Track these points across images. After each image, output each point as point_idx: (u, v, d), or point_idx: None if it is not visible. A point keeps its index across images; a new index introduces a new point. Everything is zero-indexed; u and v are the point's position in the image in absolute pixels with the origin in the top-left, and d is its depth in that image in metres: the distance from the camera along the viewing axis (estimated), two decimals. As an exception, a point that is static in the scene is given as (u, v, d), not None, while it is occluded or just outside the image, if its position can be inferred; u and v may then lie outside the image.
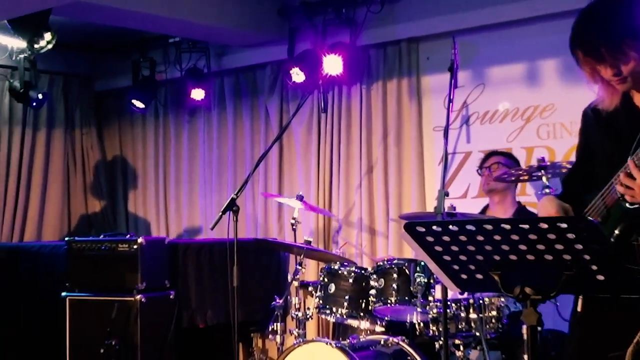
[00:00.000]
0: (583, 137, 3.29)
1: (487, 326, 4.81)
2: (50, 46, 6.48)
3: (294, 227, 6.12)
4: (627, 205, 2.90)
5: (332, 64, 6.47)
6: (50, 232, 8.25)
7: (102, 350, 5.76)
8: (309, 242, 5.81)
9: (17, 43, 7.08)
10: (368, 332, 5.39)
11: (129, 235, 6.25)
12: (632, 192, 2.86)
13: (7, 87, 7.74)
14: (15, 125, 8.07)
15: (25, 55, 7.16)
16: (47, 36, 6.41)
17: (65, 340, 6.14)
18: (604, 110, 3.11)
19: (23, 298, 6.72)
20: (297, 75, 6.67)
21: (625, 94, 3.06)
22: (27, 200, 8.12)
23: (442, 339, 4.62)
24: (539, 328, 2.60)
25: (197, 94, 7.52)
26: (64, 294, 6.18)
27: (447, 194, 4.39)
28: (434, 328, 4.91)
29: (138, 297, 5.91)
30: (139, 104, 7.84)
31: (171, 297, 6.20)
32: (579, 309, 3.08)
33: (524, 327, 4.08)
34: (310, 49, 6.72)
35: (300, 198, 6.06)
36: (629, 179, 2.86)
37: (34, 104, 7.49)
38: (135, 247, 6.01)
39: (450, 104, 4.77)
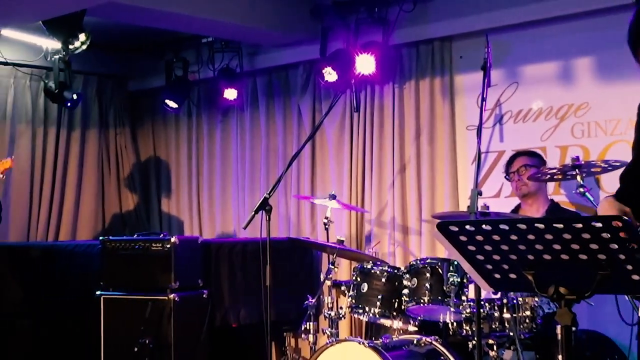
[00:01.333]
0: (638, 132, 3.23)
1: (521, 326, 4.78)
2: (84, 47, 6.53)
3: (326, 226, 6.12)
4: None
5: (365, 63, 6.46)
6: (84, 231, 8.31)
7: (135, 349, 5.79)
8: (341, 242, 5.81)
9: (52, 44, 7.16)
10: (401, 331, 5.38)
11: (162, 235, 6.27)
12: None
13: (42, 87, 7.81)
14: (50, 126, 8.14)
15: (60, 56, 7.23)
16: (82, 37, 6.45)
17: (99, 338, 6.18)
18: None
19: (58, 296, 6.77)
20: (330, 75, 6.67)
21: None
22: (61, 199, 8.18)
23: (475, 338, 4.60)
24: (574, 328, 2.57)
25: (230, 93, 7.54)
26: (98, 292, 6.21)
27: (480, 193, 4.37)
28: (467, 328, 4.89)
29: (171, 296, 5.93)
30: (172, 104, 7.88)
31: (204, 296, 6.22)
32: None
33: (559, 327, 4.05)
34: (343, 49, 6.72)
35: (333, 197, 6.06)
36: None
37: (69, 104, 7.55)
38: (168, 246, 6.03)
39: (484, 102, 4.75)
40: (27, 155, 7.82)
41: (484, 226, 2.59)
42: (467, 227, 2.62)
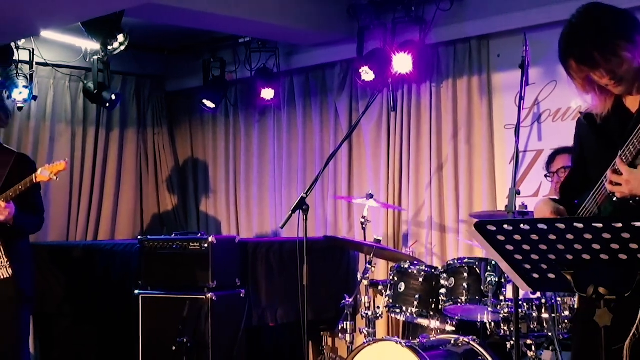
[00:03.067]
0: (577, 144, 3.34)
1: (560, 326, 4.75)
2: (123, 48, 6.57)
3: (363, 225, 6.12)
4: (615, 199, 2.93)
5: (402, 63, 6.45)
6: (123, 231, 8.38)
7: (173, 348, 5.82)
8: (378, 241, 5.81)
9: (91, 45, 7.22)
10: (438, 331, 5.38)
11: (200, 234, 6.30)
12: (620, 187, 2.90)
13: (81, 88, 7.88)
14: (89, 126, 8.21)
15: (99, 56, 7.28)
16: (120, 38, 6.50)
17: (138, 337, 6.22)
18: (598, 115, 3.15)
19: (97, 296, 6.83)
20: (367, 74, 6.66)
21: (617, 97, 3.10)
22: (100, 199, 8.25)
23: (513, 339, 4.58)
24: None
25: (267, 93, 7.56)
26: (137, 291, 6.26)
27: (518, 193, 4.33)
28: (505, 328, 4.87)
29: (209, 295, 5.96)
30: (209, 104, 7.92)
31: (242, 295, 6.24)
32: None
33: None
34: (380, 48, 6.71)
35: (370, 196, 6.06)
36: (616, 175, 2.90)
37: (107, 104, 7.61)
38: (206, 245, 6.06)
39: (522, 101, 4.72)
40: (66, 155, 7.87)
41: (522, 225, 2.58)
42: (505, 226, 2.61)
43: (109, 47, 6.54)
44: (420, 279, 5.36)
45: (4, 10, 5.46)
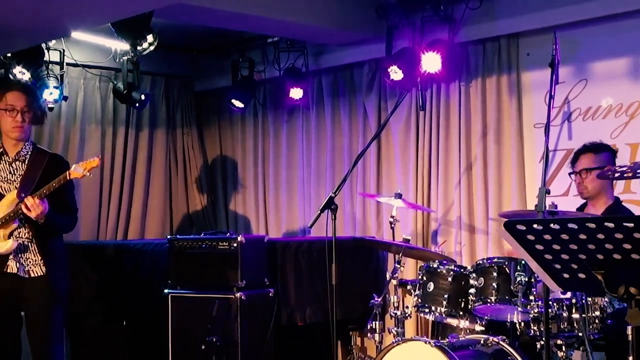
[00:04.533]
0: None
1: (591, 326, 4.72)
2: (152, 48, 6.61)
3: (392, 225, 6.12)
4: None
5: (431, 62, 6.43)
6: (153, 230, 8.42)
7: (203, 347, 5.84)
8: (407, 241, 5.80)
9: (120, 45, 7.26)
10: (467, 331, 5.36)
11: (229, 234, 6.32)
12: None
13: (111, 88, 7.93)
14: (119, 126, 8.25)
15: (129, 57, 7.33)
16: (149, 38, 6.53)
17: (167, 336, 6.25)
18: None
19: (127, 295, 6.87)
20: (395, 73, 6.65)
21: None
22: (130, 198, 8.30)
23: (543, 339, 4.55)
24: None
25: (296, 93, 7.57)
26: (166, 291, 6.28)
27: (548, 192, 4.31)
28: (535, 328, 4.85)
29: (238, 294, 5.97)
30: (238, 104, 7.94)
31: (270, 294, 6.25)
32: None
33: (629, 328, 3.99)
34: (408, 47, 6.70)
35: (399, 196, 6.05)
36: None
37: (137, 104, 7.66)
38: (235, 245, 6.07)
39: (552, 100, 4.69)
40: (96, 155, 7.92)
41: (552, 225, 2.56)
42: (535, 226, 2.60)
43: (139, 48, 6.57)
44: (450, 279, 5.35)
45: (35, 11, 5.51)
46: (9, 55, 6.84)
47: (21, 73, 6.83)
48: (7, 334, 5.31)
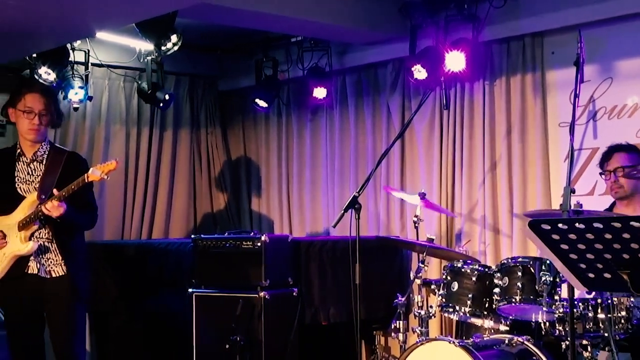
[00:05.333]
0: None
1: (616, 327, 4.69)
2: (176, 48, 6.62)
3: (416, 224, 6.11)
4: None
5: (455, 61, 6.41)
6: (177, 230, 8.44)
7: (227, 346, 5.85)
8: (431, 240, 5.79)
9: (144, 45, 7.29)
10: (492, 331, 5.34)
11: (253, 233, 6.33)
12: None
13: (136, 88, 7.96)
14: (143, 126, 8.28)
15: (153, 57, 7.36)
16: (174, 38, 6.55)
17: (191, 335, 6.27)
18: None
19: (151, 294, 6.90)
20: (419, 72, 6.64)
21: None
22: (154, 198, 8.32)
23: (568, 339, 4.53)
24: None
25: (319, 92, 7.57)
26: (190, 290, 6.30)
27: (573, 191, 4.28)
28: (560, 328, 4.83)
29: (262, 294, 5.98)
30: (262, 103, 7.94)
31: (294, 294, 6.26)
32: None
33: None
34: (432, 46, 6.68)
35: (423, 196, 6.04)
36: None
37: (161, 104, 7.68)
38: (259, 244, 6.08)
39: (577, 99, 4.67)
40: (121, 155, 7.97)
41: (577, 224, 2.55)
42: (560, 225, 2.59)
43: (163, 48, 6.59)
44: (474, 278, 5.34)
45: (60, 12, 5.54)
46: (34, 55, 6.88)
47: (47, 73, 6.87)
48: (31, 335, 5.35)
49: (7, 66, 7.26)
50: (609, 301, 4.68)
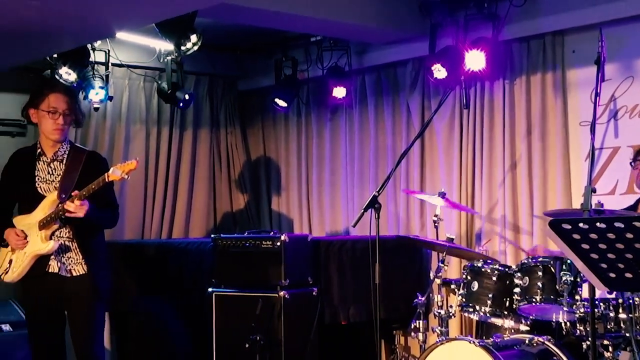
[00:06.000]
0: None
1: (638, 327, 4.66)
2: (196, 48, 6.63)
3: (436, 224, 6.10)
4: None
5: (475, 60, 6.39)
6: (196, 229, 8.46)
7: (246, 345, 5.86)
8: (451, 240, 5.78)
9: (164, 45, 7.31)
10: (512, 331, 5.33)
11: (272, 232, 6.33)
12: None
13: (156, 88, 7.98)
14: (163, 125, 8.31)
15: (173, 57, 7.37)
16: (193, 38, 6.56)
17: (211, 334, 6.28)
18: None
19: (171, 293, 6.92)
20: (439, 72, 6.62)
21: None
22: (174, 197, 8.35)
23: (589, 339, 4.51)
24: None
25: (339, 92, 7.56)
26: (210, 289, 6.31)
27: (594, 191, 4.27)
28: (581, 328, 4.80)
29: (282, 293, 5.98)
30: (281, 103, 7.95)
31: (314, 293, 6.25)
32: None
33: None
34: (452, 45, 6.67)
35: (443, 195, 6.03)
36: None
37: (181, 104, 7.70)
38: (278, 244, 6.09)
39: (597, 97, 4.65)
40: (141, 154, 8.00)
41: (598, 224, 2.54)
42: (581, 224, 2.58)
43: (183, 48, 6.61)
44: (494, 278, 5.32)
45: (81, 12, 5.56)
46: (55, 56, 6.91)
47: (67, 74, 6.90)
48: (52, 334, 5.38)
49: (28, 66, 7.29)
50: (631, 301, 4.66)
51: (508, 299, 5.24)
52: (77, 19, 5.71)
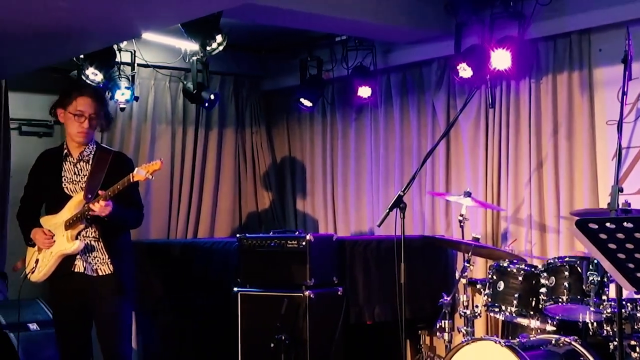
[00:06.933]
0: None
1: (665, 327, 4.63)
2: (221, 48, 6.65)
3: (461, 223, 6.08)
4: None
5: (500, 59, 6.37)
6: (222, 229, 8.48)
7: (272, 345, 5.87)
8: (477, 239, 5.76)
9: (190, 46, 7.33)
10: (538, 331, 5.31)
11: (297, 232, 6.34)
12: None
13: (181, 88, 8.01)
14: (188, 125, 8.33)
15: (198, 57, 7.40)
16: (219, 38, 6.57)
17: (237, 333, 6.29)
18: None
19: (197, 292, 6.94)
20: (464, 71, 6.60)
21: None
22: (200, 197, 8.37)
23: (616, 339, 4.48)
24: None
25: (364, 91, 7.56)
26: (235, 289, 6.33)
27: (621, 190, 4.24)
28: (608, 328, 4.78)
29: (307, 293, 5.99)
30: (306, 103, 7.95)
31: (339, 293, 6.26)
32: None
33: None
34: (478, 44, 6.65)
35: (468, 194, 6.01)
36: None
37: (206, 104, 7.72)
38: (304, 243, 6.10)
39: (624, 96, 4.62)
40: (166, 154, 8.03)
41: (625, 224, 2.52)
42: (608, 224, 2.56)
43: (208, 48, 6.62)
44: (520, 278, 5.31)
45: (107, 13, 5.59)
46: (82, 56, 6.96)
47: (94, 74, 6.94)
48: (79, 333, 5.42)
49: (55, 67, 7.34)
50: (658, 301, 4.63)
51: (534, 299, 5.22)
52: (103, 19, 5.74)
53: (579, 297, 4.92)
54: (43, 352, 6.49)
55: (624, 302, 4.63)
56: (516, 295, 5.28)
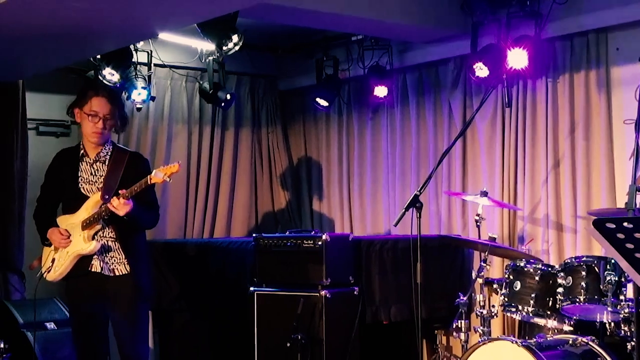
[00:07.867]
0: None
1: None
2: (237, 48, 6.65)
3: (478, 223, 6.07)
4: None
5: (517, 58, 6.35)
6: (238, 228, 8.49)
7: (288, 344, 5.88)
8: (493, 239, 5.75)
9: (206, 46, 7.35)
10: (555, 331, 5.29)
11: (313, 232, 6.34)
12: None
13: (197, 88, 8.02)
14: (205, 125, 8.35)
15: (214, 57, 7.41)
16: (235, 38, 6.58)
17: (253, 333, 6.30)
18: None
19: (213, 292, 6.95)
20: (481, 70, 6.59)
21: None
22: (216, 197, 8.38)
23: (634, 340, 4.46)
24: None
25: (380, 91, 7.55)
26: (252, 288, 6.34)
27: (638, 189, 4.22)
28: (626, 328, 4.76)
29: (323, 292, 5.99)
30: (322, 102, 7.95)
31: (355, 293, 6.25)
32: None
33: None
34: (494, 43, 6.63)
35: (485, 194, 6.00)
36: None
37: (223, 104, 7.73)
38: (320, 243, 6.10)
39: (642, 95, 4.60)
40: (183, 154, 8.05)
41: (642, 223, 2.50)
42: (625, 224, 2.55)
43: (224, 48, 6.63)
44: (537, 278, 5.29)
45: (123, 13, 5.61)
46: (98, 57, 6.98)
47: (110, 74, 6.96)
48: (95, 332, 5.43)
49: (72, 67, 7.37)
50: (676, 301, 4.60)
51: (551, 298, 5.20)
52: (120, 19, 5.76)
53: (596, 297, 4.91)
54: (60, 351, 6.52)
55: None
56: (533, 295, 5.26)
